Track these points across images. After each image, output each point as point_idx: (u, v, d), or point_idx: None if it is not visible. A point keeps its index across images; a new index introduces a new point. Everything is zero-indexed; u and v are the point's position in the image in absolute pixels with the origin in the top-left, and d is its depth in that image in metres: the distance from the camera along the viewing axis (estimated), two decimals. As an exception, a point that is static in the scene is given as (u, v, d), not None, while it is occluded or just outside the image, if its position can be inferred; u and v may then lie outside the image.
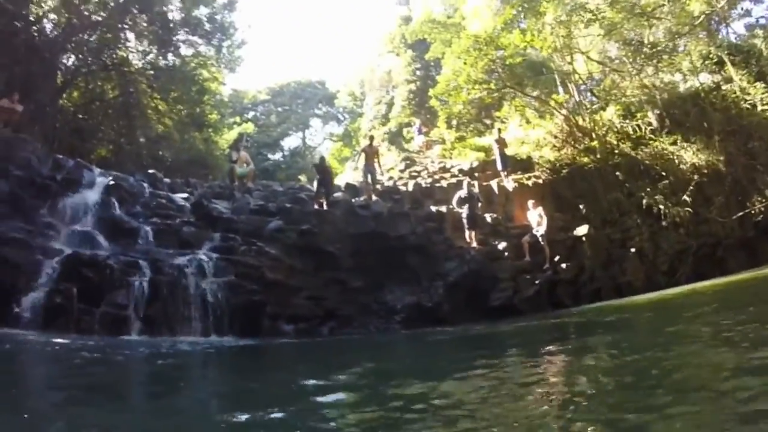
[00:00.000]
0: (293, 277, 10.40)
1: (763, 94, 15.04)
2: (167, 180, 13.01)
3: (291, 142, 38.33)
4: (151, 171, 13.16)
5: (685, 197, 13.43)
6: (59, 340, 6.97)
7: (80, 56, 17.78)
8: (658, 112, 15.50)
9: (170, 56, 19.03)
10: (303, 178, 25.16)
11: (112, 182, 10.75)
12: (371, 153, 13.47)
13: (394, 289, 10.95)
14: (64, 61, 17.47)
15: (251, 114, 33.61)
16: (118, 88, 18.11)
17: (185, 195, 11.99)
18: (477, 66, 14.32)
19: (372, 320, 10.40)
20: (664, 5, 15.30)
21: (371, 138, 15.06)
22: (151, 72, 18.62)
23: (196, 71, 19.38)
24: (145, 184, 11.73)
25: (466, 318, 10.27)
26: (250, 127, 29.23)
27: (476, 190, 12.75)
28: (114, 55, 18.02)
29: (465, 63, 14.63)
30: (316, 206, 12.08)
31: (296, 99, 34.91)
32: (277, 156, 34.62)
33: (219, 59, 19.99)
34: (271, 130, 33.93)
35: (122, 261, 8.48)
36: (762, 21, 19.28)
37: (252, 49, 48.01)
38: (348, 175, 19.02)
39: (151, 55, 19.12)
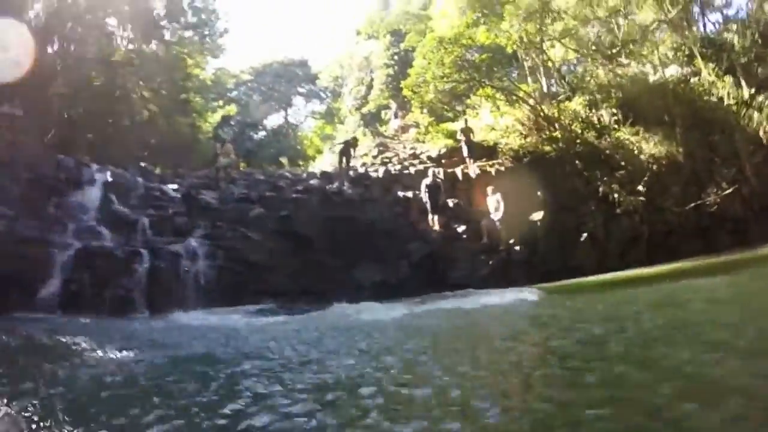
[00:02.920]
0: (273, 258, 12.90)
1: (730, 88, 17.22)
2: (158, 172, 15.49)
3: (274, 120, 40.89)
4: (143, 164, 15.60)
5: (639, 187, 15.54)
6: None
7: (65, 45, 19.98)
8: (623, 102, 17.50)
9: (154, 44, 21.27)
10: (284, 160, 27.53)
11: (110, 179, 13.12)
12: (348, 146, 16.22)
13: (363, 268, 13.43)
14: (49, 51, 19.64)
15: (234, 93, 36.04)
16: (103, 77, 20.30)
17: (175, 186, 14.40)
18: (444, 62, 16.58)
19: (343, 295, 12.89)
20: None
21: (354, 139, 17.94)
22: (136, 60, 20.84)
23: (180, 58, 21.63)
24: (139, 178, 14.11)
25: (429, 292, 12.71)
26: (233, 110, 31.76)
27: (441, 177, 15.30)
28: (99, 44, 20.19)
29: (429, 63, 16.97)
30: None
31: (279, 78, 37.37)
32: (260, 135, 37.10)
33: (202, 48, 22.36)
34: (253, 110, 36.30)
35: (126, 251, 10.91)
36: (741, 14, 21.41)
37: (235, 29, 50.38)
38: (326, 158, 21.72)
39: (135, 44, 21.35)
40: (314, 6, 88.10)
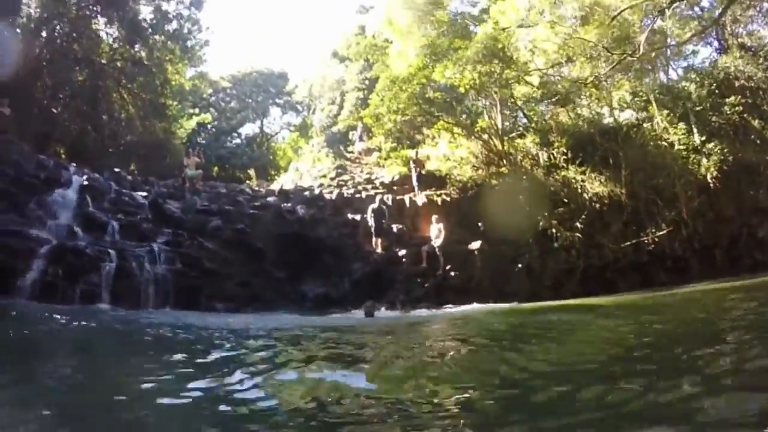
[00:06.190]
0: (227, 266, 15.81)
1: (681, 135, 19.80)
2: (129, 178, 18.49)
3: (249, 129, 44.80)
4: (116, 170, 18.41)
5: (577, 224, 18.35)
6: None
7: (51, 42, 22.96)
8: (575, 142, 20.10)
9: (137, 47, 24.33)
10: (252, 172, 30.58)
11: (86, 182, 15.90)
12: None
13: (309, 281, 16.30)
14: (36, 48, 22.60)
15: (212, 99, 39.30)
16: (86, 76, 23.35)
17: (144, 193, 17.25)
18: (399, 98, 19.54)
19: (288, 304, 15.79)
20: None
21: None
22: (119, 62, 23.93)
23: (161, 65, 24.74)
24: (112, 183, 16.90)
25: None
26: (208, 118, 35.02)
27: (389, 203, 18.33)
28: (83, 45, 23.22)
29: (383, 99, 19.98)
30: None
31: (257, 88, 40.79)
32: (235, 142, 40.59)
33: (183, 56, 25.53)
34: (230, 117, 39.70)
35: (96, 250, 13.65)
36: (705, 63, 24.23)
37: (217, 35, 54.04)
38: (290, 174, 24.94)
39: (119, 44, 24.45)
40: (297, 22, 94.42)
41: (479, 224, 18.55)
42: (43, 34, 22.64)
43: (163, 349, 6.84)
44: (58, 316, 9.40)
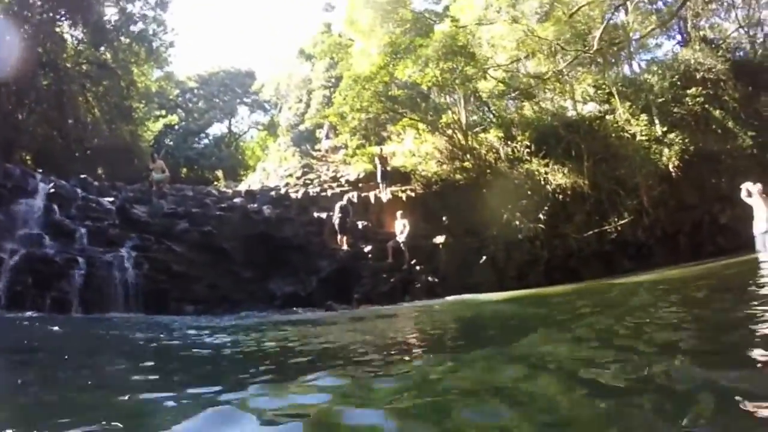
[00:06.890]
0: (195, 268, 16.31)
1: (643, 126, 20.53)
2: (96, 183, 18.89)
3: (217, 129, 45.41)
4: (82, 176, 18.75)
5: (541, 215, 18.94)
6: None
7: (15, 46, 23.18)
8: (538, 136, 20.73)
9: (102, 49, 24.67)
10: (220, 173, 31.08)
11: (52, 190, 16.26)
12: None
13: (276, 280, 16.83)
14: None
15: (179, 100, 39.65)
16: (51, 80, 23.61)
17: (111, 199, 17.64)
18: (363, 96, 20.11)
19: (257, 304, 16.36)
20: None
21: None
22: (84, 65, 24.24)
23: (126, 67, 25.12)
24: (78, 189, 17.26)
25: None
26: (175, 119, 35.48)
27: (354, 201, 18.93)
28: (47, 48, 23.47)
29: (345, 99, 20.50)
30: None
31: (224, 87, 41.34)
32: (203, 143, 41.23)
33: (148, 58, 25.93)
34: (197, 117, 40.13)
35: (65, 257, 14.09)
36: (669, 56, 25.06)
37: (183, 35, 54.38)
38: (258, 174, 25.47)
39: (83, 47, 24.76)
40: (263, 20, 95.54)
41: (444, 218, 19.14)
42: (7, 38, 22.76)
43: (127, 353, 7.35)
44: (27, 323, 9.85)
